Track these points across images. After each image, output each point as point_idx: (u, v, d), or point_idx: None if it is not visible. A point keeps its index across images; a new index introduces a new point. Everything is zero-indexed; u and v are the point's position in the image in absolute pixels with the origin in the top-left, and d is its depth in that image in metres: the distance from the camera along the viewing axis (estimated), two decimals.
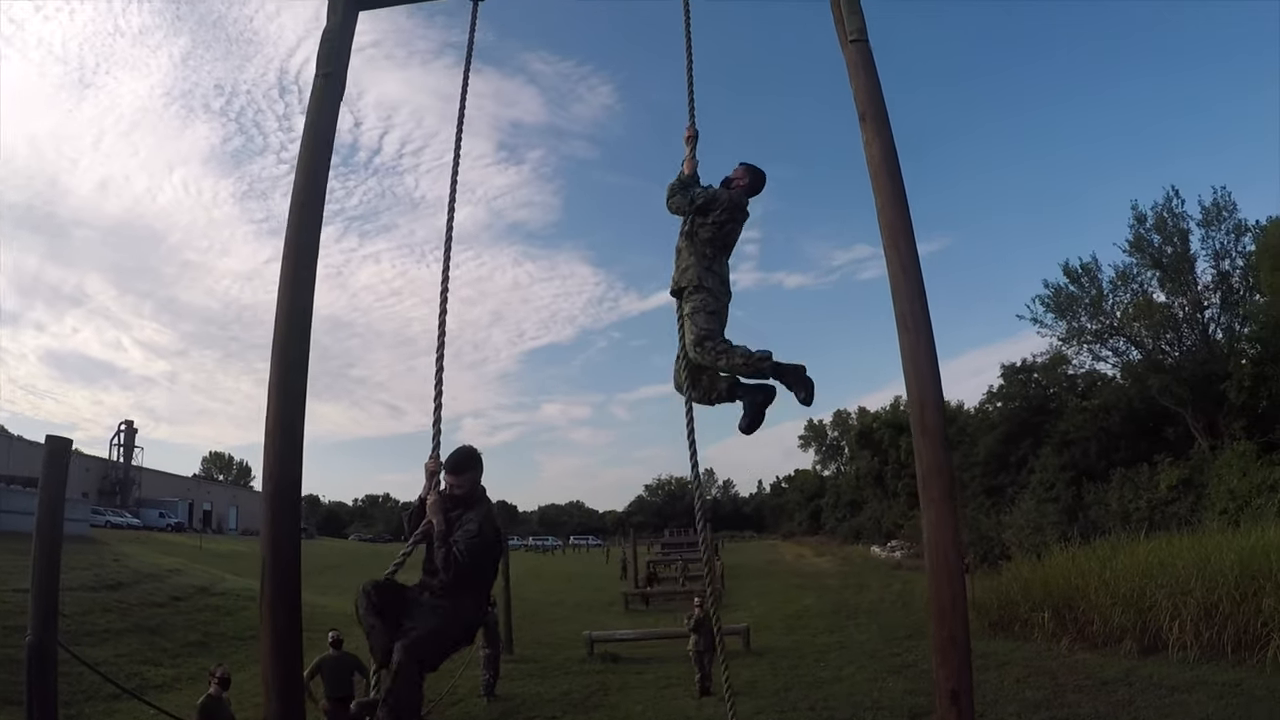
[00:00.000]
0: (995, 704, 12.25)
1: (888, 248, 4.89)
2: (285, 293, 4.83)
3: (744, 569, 41.95)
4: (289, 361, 4.74)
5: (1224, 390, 30.07)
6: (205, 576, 26.94)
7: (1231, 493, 23.60)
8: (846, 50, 5.32)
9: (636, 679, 16.07)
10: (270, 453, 4.52)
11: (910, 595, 29.08)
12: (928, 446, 4.55)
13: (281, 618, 4.26)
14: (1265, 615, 12.80)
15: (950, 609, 4.38)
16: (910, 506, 58.19)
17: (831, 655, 18.40)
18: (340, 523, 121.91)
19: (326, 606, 28.72)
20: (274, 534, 4.36)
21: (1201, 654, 13.35)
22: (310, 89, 5.31)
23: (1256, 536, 15.46)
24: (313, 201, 5.05)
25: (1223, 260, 34.60)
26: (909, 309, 4.72)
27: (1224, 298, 34.79)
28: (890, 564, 47.30)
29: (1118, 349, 37.72)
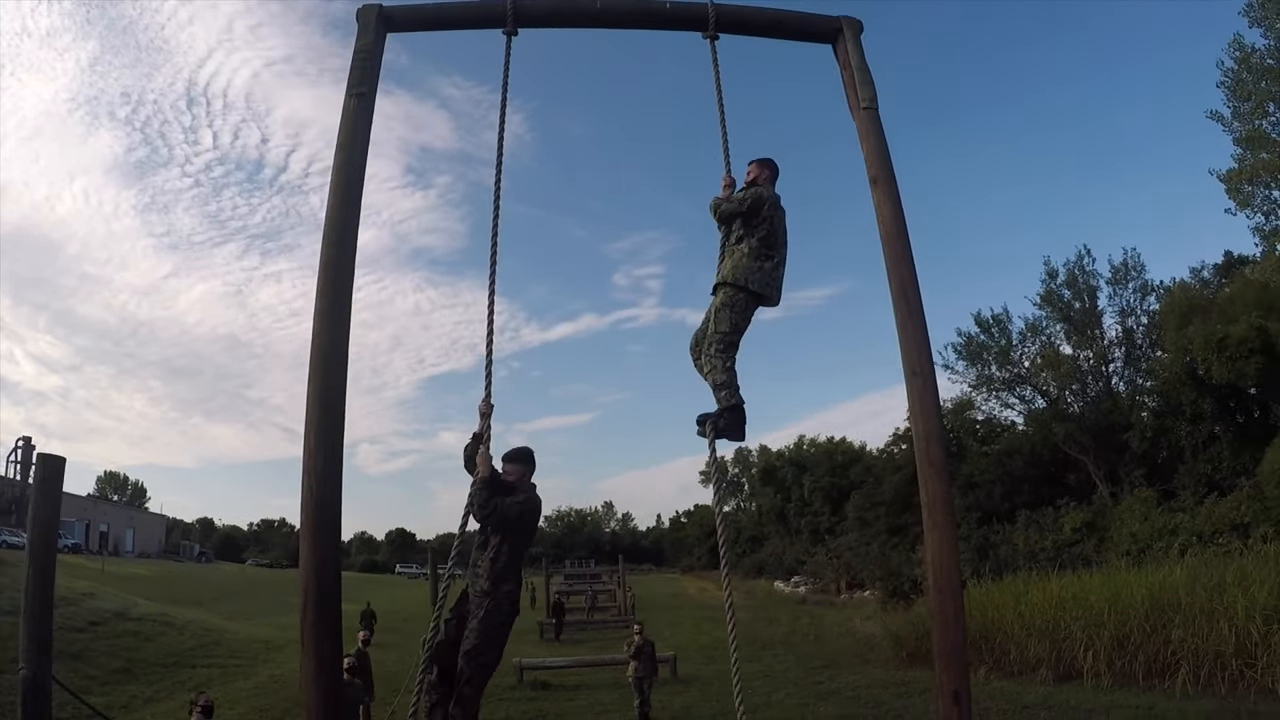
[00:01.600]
0: None
1: (897, 302, 5.40)
2: (322, 323, 4.75)
3: (650, 601, 42.23)
4: (328, 386, 4.64)
5: (1126, 440, 31.80)
6: (118, 600, 25.95)
7: (1133, 536, 24.99)
8: (858, 117, 5.79)
9: (570, 705, 16.22)
10: (311, 482, 4.47)
11: (820, 629, 29.74)
12: (933, 478, 5.12)
13: (328, 644, 4.33)
14: (1174, 645, 13.93)
15: (953, 620, 4.94)
16: (813, 543, 59.41)
17: (756, 683, 18.72)
18: (237, 547, 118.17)
19: (237, 633, 28.18)
20: (317, 560, 4.39)
21: (1114, 681, 14.35)
22: (343, 109, 5.17)
23: (1165, 574, 16.66)
24: (347, 228, 4.96)
25: (1128, 317, 36.76)
26: (916, 358, 5.29)
27: (1127, 353, 36.86)
28: (795, 599, 47.88)
29: (1024, 397, 39.30)
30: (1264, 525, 21.12)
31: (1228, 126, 23.99)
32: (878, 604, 32.53)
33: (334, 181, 4.94)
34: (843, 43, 6.00)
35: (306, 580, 4.30)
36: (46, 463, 6.41)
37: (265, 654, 24.78)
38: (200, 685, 18.50)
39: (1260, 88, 22.72)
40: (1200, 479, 27.86)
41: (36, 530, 6.17)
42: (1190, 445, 29.21)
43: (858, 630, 27.12)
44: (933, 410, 5.27)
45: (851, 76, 5.86)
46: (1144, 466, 31.30)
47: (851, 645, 24.81)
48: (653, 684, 15.53)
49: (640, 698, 14.61)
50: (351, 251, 4.90)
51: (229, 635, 27.04)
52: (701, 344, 5.27)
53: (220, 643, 24.99)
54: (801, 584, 53.23)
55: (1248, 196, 23.44)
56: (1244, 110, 23.28)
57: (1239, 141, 23.61)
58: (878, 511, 45.26)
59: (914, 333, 5.35)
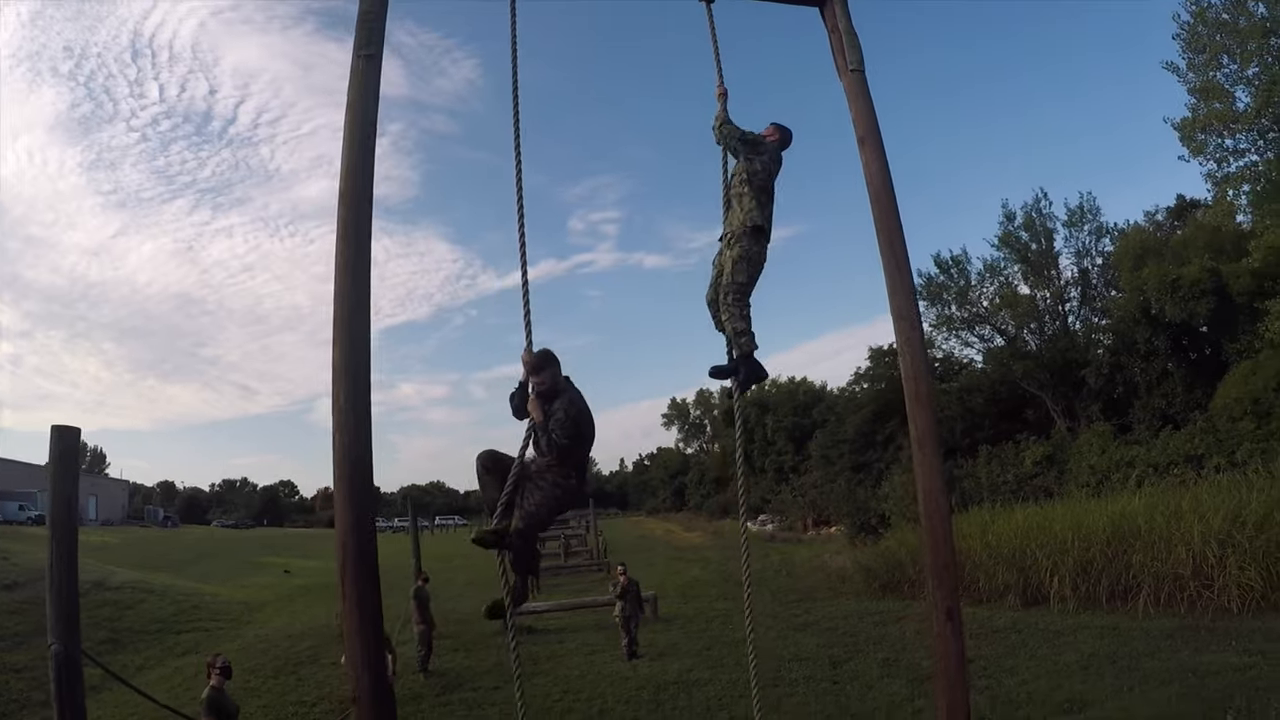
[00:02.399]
0: (905, 650, 13.73)
1: (884, 252, 5.77)
2: (343, 282, 4.74)
3: (620, 544, 42.69)
4: (352, 344, 4.67)
5: (1083, 376, 32.79)
6: (95, 571, 26.00)
7: (1092, 468, 26.05)
8: (845, 79, 6.05)
9: (561, 648, 16.56)
10: (344, 439, 4.51)
11: (791, 565, 30.62)
12: (921, 413, 5.59)
13: (369, 597, 4.34)
14: (1135, 569, 14.90)
15: (943, 541, 5.46)
16: (777, 482, 60.60)
17: (735, 618, 19.22)
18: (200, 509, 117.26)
19: (216, 595, 28.46)
20: (354, 516, 4.42)
21: (1079, 604, 15.29)
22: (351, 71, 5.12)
23: (1125, 503, 17.62)
24: (360, 191, 4.93)
25: (1084, 258, 37.75)
26: (903, 304, 5.72)
27: (1083, 292, 37.84)
28: (763, 537, 48.51)
29: (983, 336, 40.12)
30: (1217, 456, 22.19)
31: (1182, 77, 24.79)
32: (845, 539, 33.41)
33: (346, 143, 4.97)
34: (831, 6, 6.22)
35: (344, 536, 4.36)
36: (63, 435, 6.14)
37: (247, 615, 25.16)
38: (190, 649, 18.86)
39: (1215, 41, 23.39)
40: (1154, 413, 28.94)
41: (57, 505, 6.02)
42: (1144, 381, 30.25)
43: (828, 565, 28.05)
44: (919, 350, 5.73)
45: (840, 40, 6.08)
46: (1100, 402, 32.32)
47: (824, 579, 25.69)
48: (639, 623, 16.10)
49: (628, 637, 15.07)
50: (368, 212, 4.94)
51: (208, 599, 27.34)
52: (718, 297, 5.59)
53: (200, 607, 25.28)
54: (769, 522, 54.36)
55: (1200, 144, 24.29)
56: (1198, 62, 24.02)
57: (1193, 91, 24.38)
58: (841, 450, 45.96)
59: (901, 280, 5.75)
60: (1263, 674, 10.07)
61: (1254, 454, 20.66)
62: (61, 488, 6.05)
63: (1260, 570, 13.68)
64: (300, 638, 19.54)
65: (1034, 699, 10.03)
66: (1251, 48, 22.15)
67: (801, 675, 12.67)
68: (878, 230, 5.88)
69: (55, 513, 6.03)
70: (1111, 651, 12.09)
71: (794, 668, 13.25)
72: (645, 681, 12.83)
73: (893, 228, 5.83)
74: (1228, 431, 23.27)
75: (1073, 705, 9.76)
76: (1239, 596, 13.70)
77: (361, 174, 4.93)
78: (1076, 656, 11.98)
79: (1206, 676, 10.20)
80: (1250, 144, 23.53)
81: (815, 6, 6.38)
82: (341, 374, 4.59)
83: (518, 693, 5.13)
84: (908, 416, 5.67)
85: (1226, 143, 23.68)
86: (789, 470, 60.23)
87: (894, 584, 20.47)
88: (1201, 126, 23.68)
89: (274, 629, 21.83)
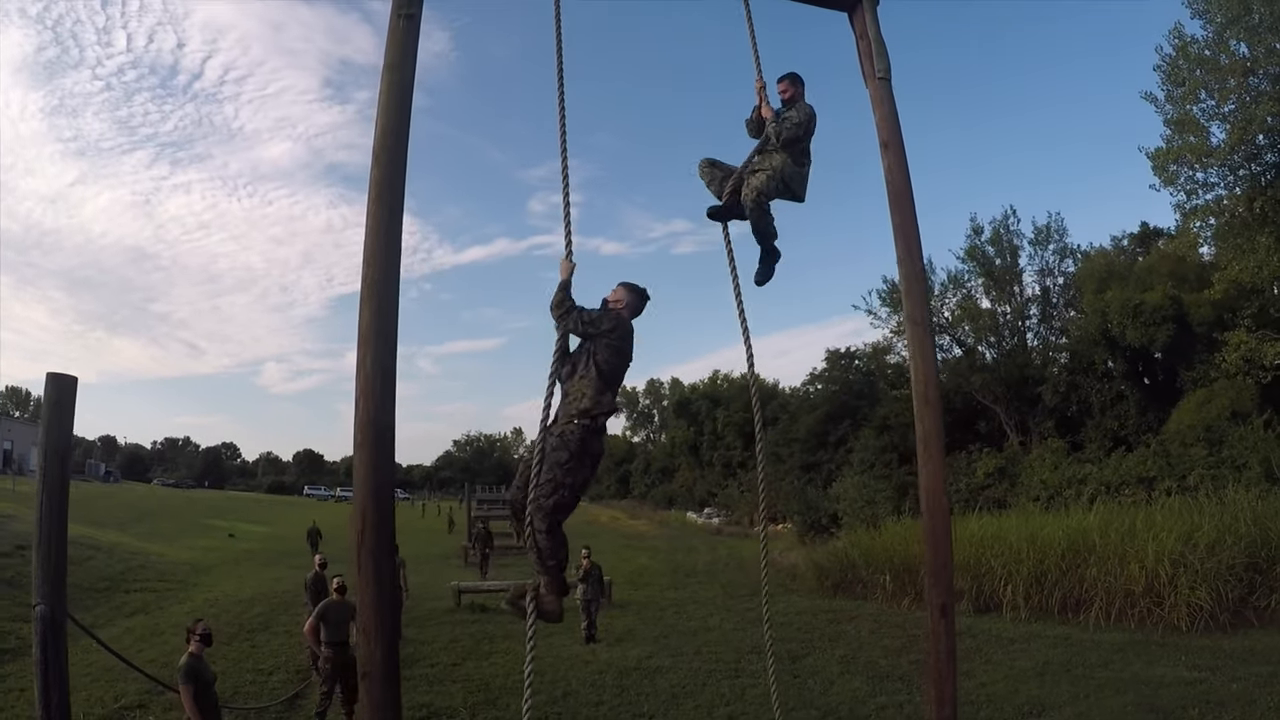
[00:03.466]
0: (861, 649, 13.98)
1: (901, 258, 5.86)
2: (374, 247, 4.62)
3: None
4: (381, 307, 4.51)
5: (1039, 393, 33.59)
6: None
7: (1044, 483, 26.65)
8: (871, 85, 6.10)
9: (515, 628, 16.24)
10: (369, 405, 4.33)
11: (739, 558, 30.93)
12: (928, 415, 5.71)
13: (385, 568, 4.25)
14: (1089, 583, 15.35)
15: (942, 540, 5.61)
16: (725, 476, 60.55)
17: (689, 608, 19.66)
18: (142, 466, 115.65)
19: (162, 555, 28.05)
20: (375, 484, 4.24)
21: (1031, 614, 15.69)
22: (390, 31, 4.98)
23: (1080, 518, 18.12)
24: (396, 154, 4.79)
25: (1046, 277, 38.59)
26: (917, 309, 5.87)
27: (1043, 310, 38.71)
28: (710, 529, 49.50)
29: (942, 346, 40.50)
30: (1168, 480, 22.87)
31: (1160, 108, 25.26)
32: (795, 537, 33.77)
33: (383, 105, 4.87)
34: (860, 12, 6.26)
35: (364, 505, 4.20)
36: (58, 383, 5.70)
37: (193, 577, 24.85)
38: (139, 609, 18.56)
39: (1195, 76, 23.93)
40: (1106, 434, 29.70)
41: (50, 458, 5.62)
42: (1099, 402, 31.02)
43: (778, 561, 28.35)
44: (930, 355, 5.85)
45: (869, 46, 6.12)
46: (1053, 419, 33.10)
47: (774, 575, 25.99)
48: (599, 607, 16.21)
49: (588, 620, 15.06)
50: (402, 175, 4.83)
51: (154, 558, 26.97)
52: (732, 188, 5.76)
53: (147, 566, 24.94)
54: (715, 515, 54.58)
55: (1172, 175, 24.77)
56: (1177, 95, 24.50)
57: (1169, 123, 24.86)
58: (792, 448, 46.49)
59: (916, 287, 5.87)
60: (1214, 689, 10.44)
61: (1204, 480, 21.30)
62: (56, 440, 5.66)
63: (1210, 591, 14.17)
64: (250, 603, 19.42)
65: (993, 701, 10.30)
66: (1231, 85, 22.76)
67: (762, 667, 12.81)
68: (896, 236, 5.94)
69: (48, 467, 5.63)
70: (1065, 660, 12.45)
71: (752, 660, 13.39)
72: (606, 666, 12.91)
73: (910, 234, 5.91)
74: (1180, 456, 23.95)
75: (1032, 709, 10.02)
76: (1188, 615, 14.17)
77: (397, 136, 4.82)
78: (1032, 663, 12.30)
79: (1159, 689, 10.56)
80: (1220, 178, 24.20)
81: (844, 11, 6.40)
82: (370, 338, 4.45)
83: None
84: (915, 416, 5.77)
85: (1198, 175, 24.30)
86: (736, 465, 60.55)
87: (846, 584, 20.78)
88: (1175, 158, 24.24)
89: (223, 593, 21.59)
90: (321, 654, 9.96)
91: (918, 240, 5.98)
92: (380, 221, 4.67)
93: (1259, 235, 22.91)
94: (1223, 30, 23.22)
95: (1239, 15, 22.47)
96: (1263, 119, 21.82)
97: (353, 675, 10.16)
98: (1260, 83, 22.56)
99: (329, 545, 34.21)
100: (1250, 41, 22.55)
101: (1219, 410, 23.91)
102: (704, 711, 10.48)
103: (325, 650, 9.90)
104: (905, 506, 26.13)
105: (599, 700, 10.92)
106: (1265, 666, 11.44)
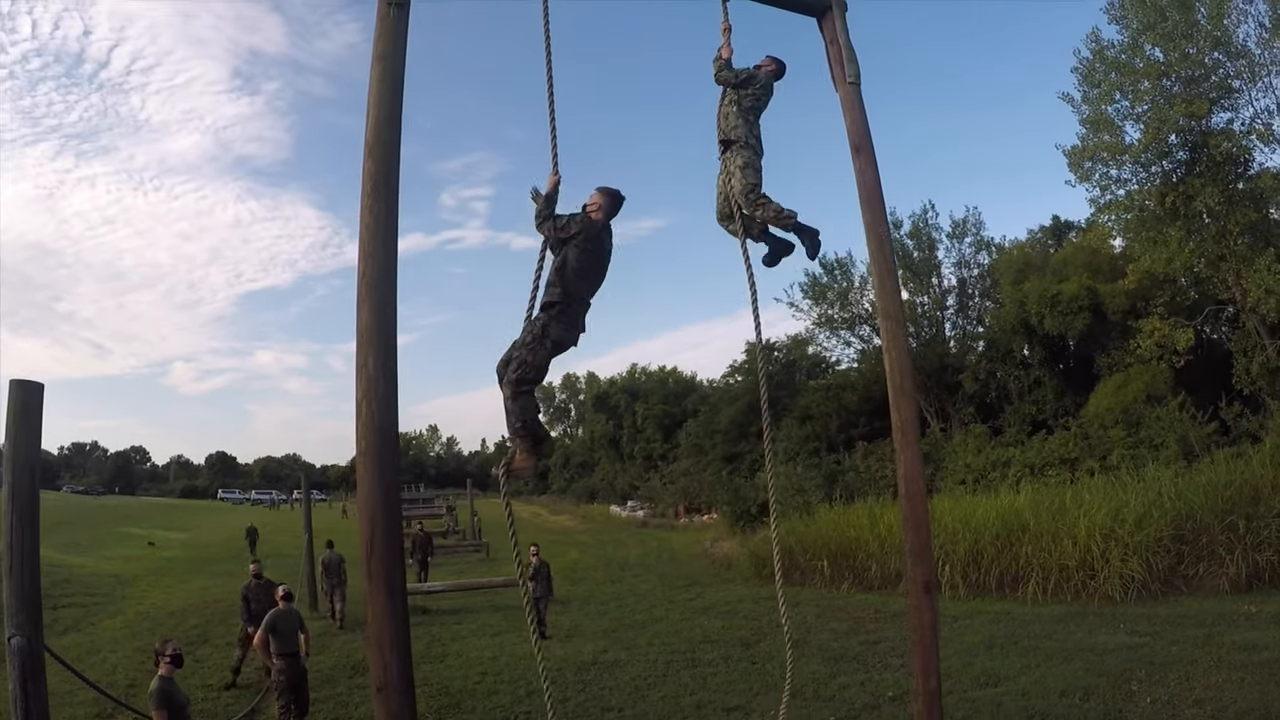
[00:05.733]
0: (810, 632, 14.33)
1: (874, 256, 6.11)
2: (370, 244, 4.55)
3: (492, 525, 41.96)
4: (381, 309, 4.48)
5: (960, 381, 34.74)
6: None
7: (968, 467, 27.56)
8: (842, 89, 6.27)
9: (461, 629, 16.48)
10: (372, 408, 4.30)
11: (670, 550, 31.41)
12: (904, 404, 6.02)
13: (396, 576, 4.20)
14: (1023, 560, 16.09)
15: (922, 522, 5.92)
16: (646, 469, 60.98)
17: (630, 601, 19.94)
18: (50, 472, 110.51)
19: (84, 567, 27.10)
20: (383, 491, 4.21)
21: (969, 592, 16.38)
22: (379, 20, 4.93)
23: (1011, 499, 18.92)
24: (390, 145, 4.75)
25: (963, 269, 39.80)
26: (890, 304, 6.10)
27: (960, 301, 40.01)
28: (635, 523, 49.45)
29: (863, 336, 41.55)
30: (1090, 460, 23.92)
31: (1076, 109, 26.51)
32: (725, 527, 34.25)
33: (375, 95, 4.82)
34: (830, 19, 6.42)
35: (372, 512, 4.17)
36: (23, 390, 5.29)
37: (120, 589, 24.03)
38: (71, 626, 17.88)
39: (1110, 78, 25.21)
40: (1025, 418, 30.87)
41: (18, 473, 5.19)
42: (1017, 388, 32.25)
43: (710, 551, 28.83)
44: (903, 347, 6.14)
45: (839, 52, 6.29)
46: (973, 405, 34.27)
47: (708, 565, 26.44)
48: (548, 604, 16.30)
49: (538, 617, 14.87)
50: (396, 169, 4.77)
51: (77, 571, 26.10)
52: (734, 209, 6.02)
53: (71, 580, 24.11)
54: (639, 508, 54.57)
55: (1088, 172, 26.02)
56: (1093, 96, 25.75)
57: (1084, 123, 26.14)
58: (714, 440, 46.84)
59: (888, 282, 6.16)
60: (1156, 651, 11.10)
61: (1125, 459, 22.35)
62: (22, 453, 5.21)
63: (1141, 562, 15.05)
64: (184, 614, 19.02)
65: (950, 674, 10.65)
66: (1145, 87, 24.00)
67: (719, 655, 13.10)
68: (868, 236, 6.14)
69: (16, 482, 5.18)
70: (1010, 633, 13.04)
71: (707, 649, 13.67)
72: (562, 663, 12.90)
73: (882, 234, 6.13)
74: (1099, 438, 25.05)
75: (988, 680, 10.50)
76: (1121, 586, 15.01)
77: (389, 127, 4.78)
78: (979, 638, 12.83)
79: (1104, 654, 11.18)
80: (1133, 174, 25.46)
81: (814, 17, 6.54)
82: (370, 338, 4.41)
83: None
84: (890, 406, 6.07)
85: (1111, 172, 25.60)
86: (658, 458, 60.99)
87: (784, 571, 21.03)
88: (1090, 155, 25.49)
89: (153, 605, 20.98)
90: (275, 666, 9.68)
91: (889, 241, 6.27)
92: (376, 216, 4.60)
93: (1169, 228, 24.27)
94: (1138, 35, 24.53)
95: (1154, 22, 23.80)
96: (1175, 120, 23.08)
97: (304, 686, 10.07)
98: (1173, 85, 23.88)
99: (262, 545, 33.69)
100: (1164, 46, 23.85)
101: (1135, 393, 25.18)
102: (670, 702, 10.62)
103: (278, 662, 9.64)
104: (836, 494, 26.68)
105: (563, 697, 10.92)
106: (1199, 629, 12.19)
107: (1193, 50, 23.41)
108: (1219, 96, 23.81)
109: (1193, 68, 23.52)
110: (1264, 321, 24.17)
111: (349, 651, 14.36)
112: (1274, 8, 23.02)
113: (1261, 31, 23.57)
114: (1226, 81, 23.95)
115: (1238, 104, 24.37)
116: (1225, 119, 24.37)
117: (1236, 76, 24.07)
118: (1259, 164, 24.34)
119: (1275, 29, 23.06)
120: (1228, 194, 23.38)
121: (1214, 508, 15.89)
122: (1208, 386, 25.26)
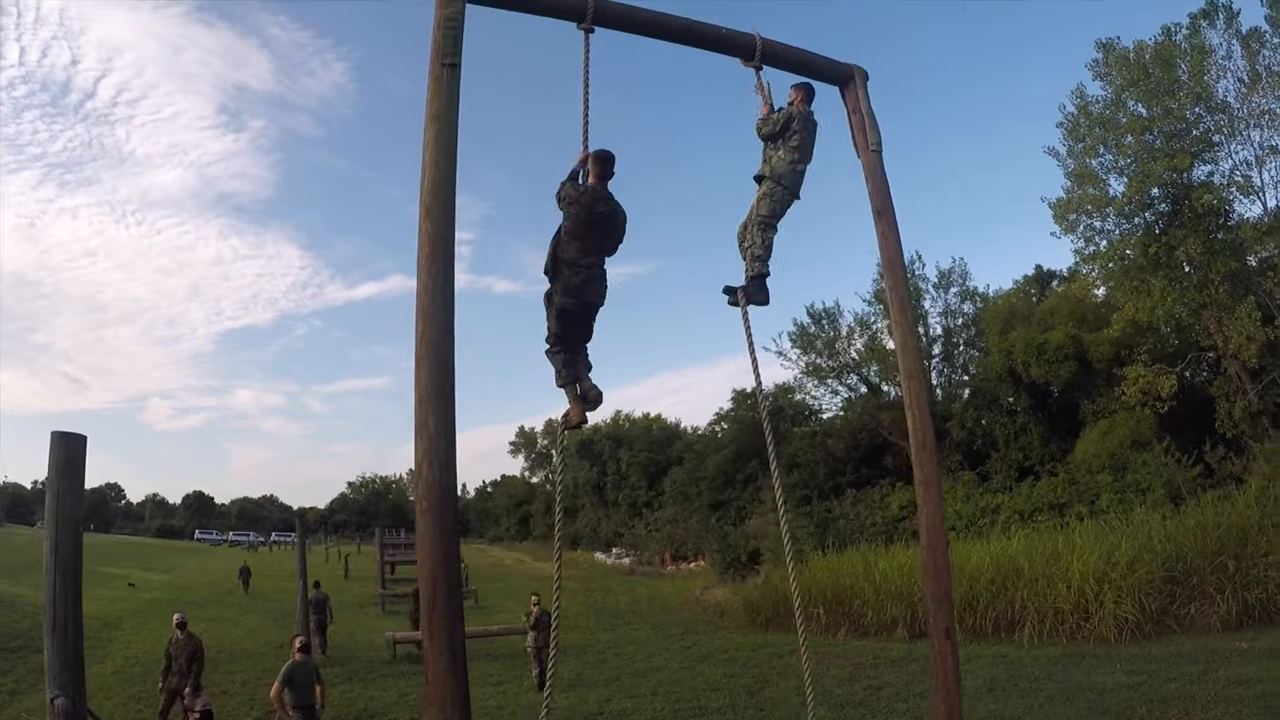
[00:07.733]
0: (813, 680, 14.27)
1: (897, 318, 6.47)
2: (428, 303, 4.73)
3: (477, 572, 41.39)
4: (440, 367, 4.61)
5: (947, 429, 35.11)
6: None
7: (958, 513, 27.82)
8: (864, 156, 6.58)
9: None
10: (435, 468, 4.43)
11: (660, 598, 31.37)
12: (926, 460, 6.23)
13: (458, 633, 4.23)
14: (1019, 604, 16.40)
15: (943, 571, 6.12)
16: (631, 516, 60.46)
17: (627, 649, 19.86)
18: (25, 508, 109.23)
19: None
20: (444, 549, 4.30)
21: (966, 636, 16.49)
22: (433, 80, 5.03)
23: (1004, 545, 19.25)
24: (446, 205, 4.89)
25: (948, 318, 40.29)
26: (911, 364, 6.37)
27: (946, 351, 40.35)
28: (621, 570, 49.55)
29: (850, 385, 41.97)
30: (1078, 505, 24.39)
31: (1061, 162, 27.44)
32: (715, 574, 34.15)
33: (429, 155, 4.93)
34: (852, 88, 6.75)
35: (434, 571, 4.24)
36: (67, 443, 5.08)
37: (107, 633, 23.70)
38: None
39: (1094, 133, 26.08)
40: (1012, 465, 31.15)
41: (62, 529, 5.00)
42: (1003, 435, 32.62)
43: (702, 599, 28.71)
44: (925, 406, 6.41)
45: (861, 120, 6.64)
46: (960, 452, 34.57)
47: (700, 613, 26.39)
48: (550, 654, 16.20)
49: (539, 668, 14.70)
50: (452, 229, 4.89)
51: None
52: (747, 228, 6.36)
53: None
54: (624, 555, 54.49)
55: (1072, 224, 26.87)
56: (1077, 150, 26.68)
57: (1069, 175, 27.05)
58: (700, 487, 46.76)
59: (909, 342, 6.43)
60: (1154, 689, 11.41)
61: (1113, 503, 22.85)
62: (67, 507, 5.02)
63: (1134, 603, 15.42)
64: None
65: None
66: (1128, 141, 24.85)
67: (725, 704, 13.19)
68: (890, 298, 6.51)
69: (61, 540, 4.99)
70: (1010, 676, 13.28)
71: (712, 697, 13.74)
72: (569, 713, 12.90)
73: (903, 297, 6.48)
74: (1087, 483, 25.52)
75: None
76: (1115, 627, 15.37)
77: (446, 188, 4.92)
78: (979, 681, 13.00)
79: (1104, 694, 11.45)
80: (1116, 226, 26.22)
81: (835, 85, 6.85)
82: (431, 399, 4.55)
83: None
84: (913, 462, 6.31)
85: (1095, 224, 26.42)
86: (642, 505, 60.68)
87: (778, 618, 21.22)
88: (1074, 208, 26.34)
89: (142, 650, 20.66)
90: (291, 719, 9.74)
91: (909, 303, 6.60)
92: (434, 277, 4.73)
93: (1152, 278, 24.95)
94: (1121, 91, 25.45)
95: (1137, 78, 24.74)
96: (1158, 173, 23.86)
97: None
98: (1155, 140, 24.66)
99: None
100: (1146, 102, 24.73)
101: (1121, 439, 25.60)
102: None
103: (294, 714, 9.71)
104: (829, 541, 26.89)
105: None
106: (1195, 666, 12.50)
107: (1174, 105, 24.28)
108: (1200, 150, 24.57)
109: (1174, 122, 24.33)
110: (1245, 367, 24.67)
111: (349, 700, 14.36)
112: (1252, 63, 23.98)
113: (1240, 86, 24.54)
114: (1207, 135, 24.77)
115: (1218, 156, 25.23)
116: (1206, 171, 25.20)
117: (1217, 130, 24.93)
118: (1239, 214, 25.18)
119: (1253, 83, 23.99)
120: (1209, 244, 24.03)
121: (1203, 549, 16.31)
122: (1191, 431, 25.69)
